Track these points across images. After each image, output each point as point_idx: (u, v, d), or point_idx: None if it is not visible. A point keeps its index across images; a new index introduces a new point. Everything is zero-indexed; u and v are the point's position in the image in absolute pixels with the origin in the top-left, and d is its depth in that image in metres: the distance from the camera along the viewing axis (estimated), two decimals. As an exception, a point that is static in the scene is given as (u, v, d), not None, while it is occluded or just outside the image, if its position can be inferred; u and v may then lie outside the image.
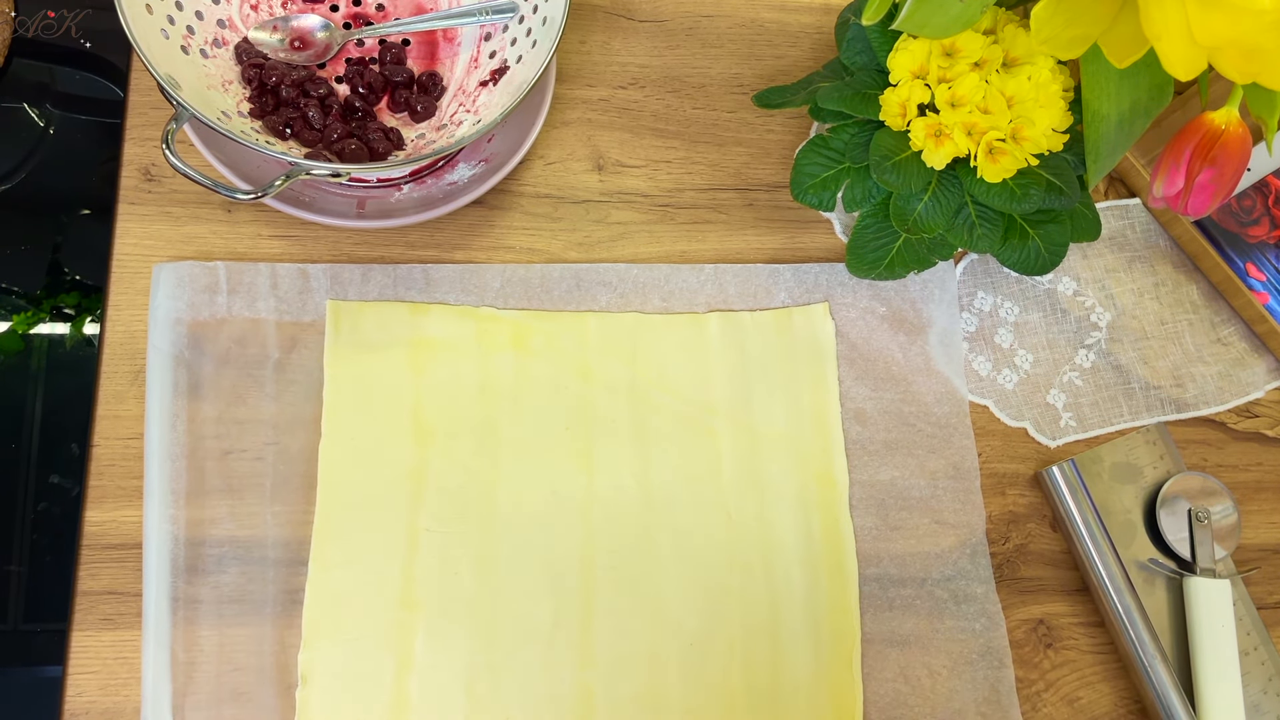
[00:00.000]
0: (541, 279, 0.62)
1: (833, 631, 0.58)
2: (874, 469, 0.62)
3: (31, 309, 0.59)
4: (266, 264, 0.59)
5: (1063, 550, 0.63)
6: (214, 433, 0.56)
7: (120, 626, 0.53)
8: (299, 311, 0.59)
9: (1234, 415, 0.66)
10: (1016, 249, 0.55)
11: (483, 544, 0.57)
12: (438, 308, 0.60)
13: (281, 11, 0.61)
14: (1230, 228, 0.66)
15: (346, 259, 0.61)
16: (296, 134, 0.58)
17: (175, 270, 0.58)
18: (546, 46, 0.55)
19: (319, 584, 0.54)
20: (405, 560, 0.56)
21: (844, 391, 0.63)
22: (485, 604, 0.56)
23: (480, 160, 0.60)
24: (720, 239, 0.65)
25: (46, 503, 0.55)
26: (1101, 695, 0.61)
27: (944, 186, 0.54)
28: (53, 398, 0.57)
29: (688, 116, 0.68)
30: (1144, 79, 0.47)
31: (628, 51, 0.69)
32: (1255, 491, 0.66)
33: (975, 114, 0.51)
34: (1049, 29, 0.43)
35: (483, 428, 0.59)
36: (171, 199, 0.60)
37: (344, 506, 0.56)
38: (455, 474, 0.58)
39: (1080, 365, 0.66)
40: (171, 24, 0.54)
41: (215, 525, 0.55)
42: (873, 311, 0.64)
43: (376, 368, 0.58)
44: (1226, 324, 0.68)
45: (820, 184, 0.56)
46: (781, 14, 0.71)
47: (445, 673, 0.54)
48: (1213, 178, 0.47)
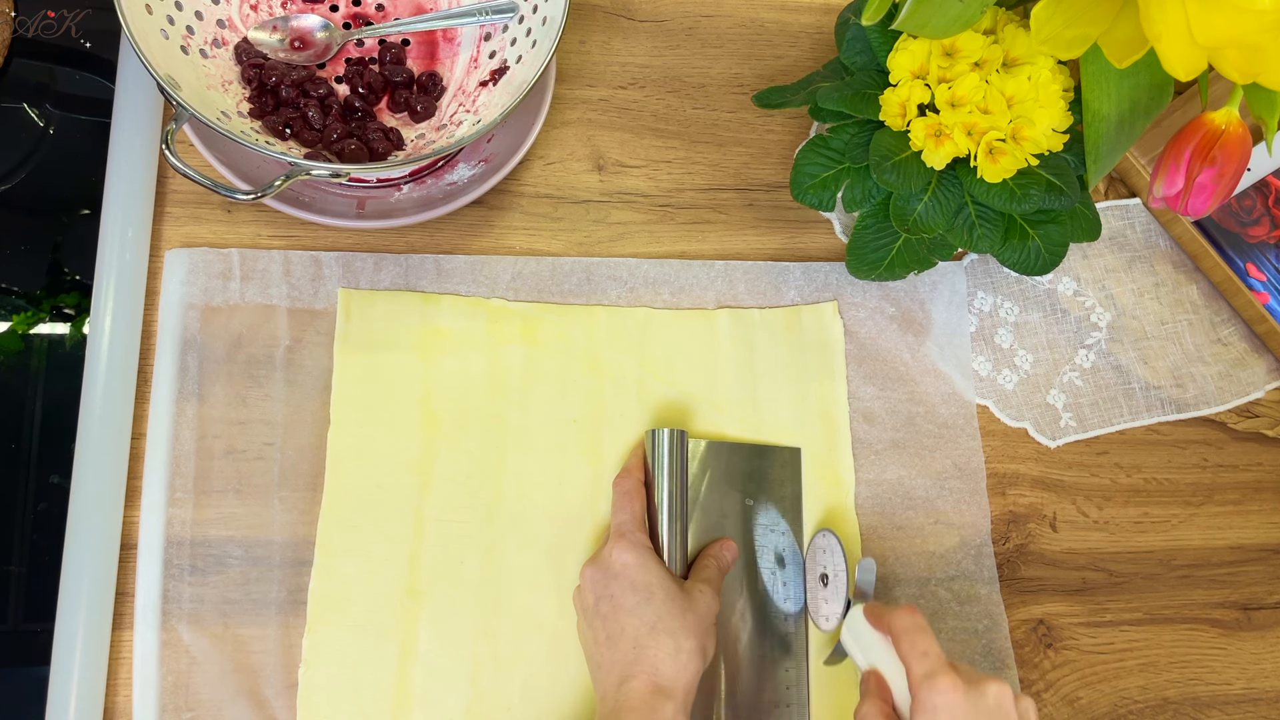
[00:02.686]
0: (552, 272, 0.62)
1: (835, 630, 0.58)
2: (880, 468, 0.62)
3: (31, 309, 0.59)
4: (280, 251, 0.60)
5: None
6: (217, 431, 0.56)
7: (120, 626, 0.53)
8: (311, 299, 0.59)
9: (1234, 415, 0.66)
10: (1016, 249, 0.55)
11: (489, 534, 0.57)
12: (448, 298, 0.60)
13: (281, 11, 0.61)
14: (1230, 228, 0.66)
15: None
16: (296, 134, 0.58)
17: (189, 256, 0.58)
18: (546, 46, 0.55)
19: (325, 570, 0.55)
20: (411, 549, 0.56)
21: (851, 390, 0.63)
22: (490, 594, 0.56)
23: (480, 160, 0.60)
24: (720, 239, 0.65)
25: (46, 503, 0.55)
26: (1101, 695, 0.61)
27: (944, 186, 0.54)
28: (53, 398, 0.57)
29: (688, 116, 0.68)
30: (1144, 79, 0.47)
31: (628, 51, 0.69)
32: (1255, 491, 0.66)
33: (975, 114, 0.51)
34: (1049, 29, 0.43)
35: (491, 419, 0.59)
36: (171, 199, 0.60)
37: (351, 494, 0.56)
38: (463, 464, 0.58)
39: (1080, 365, 0.66)
40: (171, 24, 0.54)
41: (218, 524, 0.55)
42: (881, 311, 0.65)
43: (386, 357, 0.59)
44: (1226, 324, 0.68)
45: (820, 184, 0.56)
46: (781, 14, 0.71)
47: (448, 661, 0.55)
48: (1213, 178, 0.47)
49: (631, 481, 0.56)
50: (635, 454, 0.58)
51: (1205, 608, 0.64)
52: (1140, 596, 0.63)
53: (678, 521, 0.55)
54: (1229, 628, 0.64)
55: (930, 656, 0.47)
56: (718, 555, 0.56)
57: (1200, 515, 0.65)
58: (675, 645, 0.50)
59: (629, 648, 0.50)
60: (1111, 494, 0.65)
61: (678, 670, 0.49)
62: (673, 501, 0.56)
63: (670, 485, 0.56)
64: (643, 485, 0.56)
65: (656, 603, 0.51)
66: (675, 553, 0.55)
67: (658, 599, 0.51)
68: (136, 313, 0.57)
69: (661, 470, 0.56)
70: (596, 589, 0.53)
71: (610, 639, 0.51)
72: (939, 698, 0.45)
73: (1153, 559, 0.64)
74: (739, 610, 0.57)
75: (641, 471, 0.57)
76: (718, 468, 0.59)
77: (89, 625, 0.51)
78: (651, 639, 0.50)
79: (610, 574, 0.52)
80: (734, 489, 0.59)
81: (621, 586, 0.52)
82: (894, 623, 0.49)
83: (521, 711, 0.55)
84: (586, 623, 0.53)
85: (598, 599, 0.53)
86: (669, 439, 0.57)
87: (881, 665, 0.50)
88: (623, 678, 0.49)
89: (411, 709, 0.54)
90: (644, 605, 0.51)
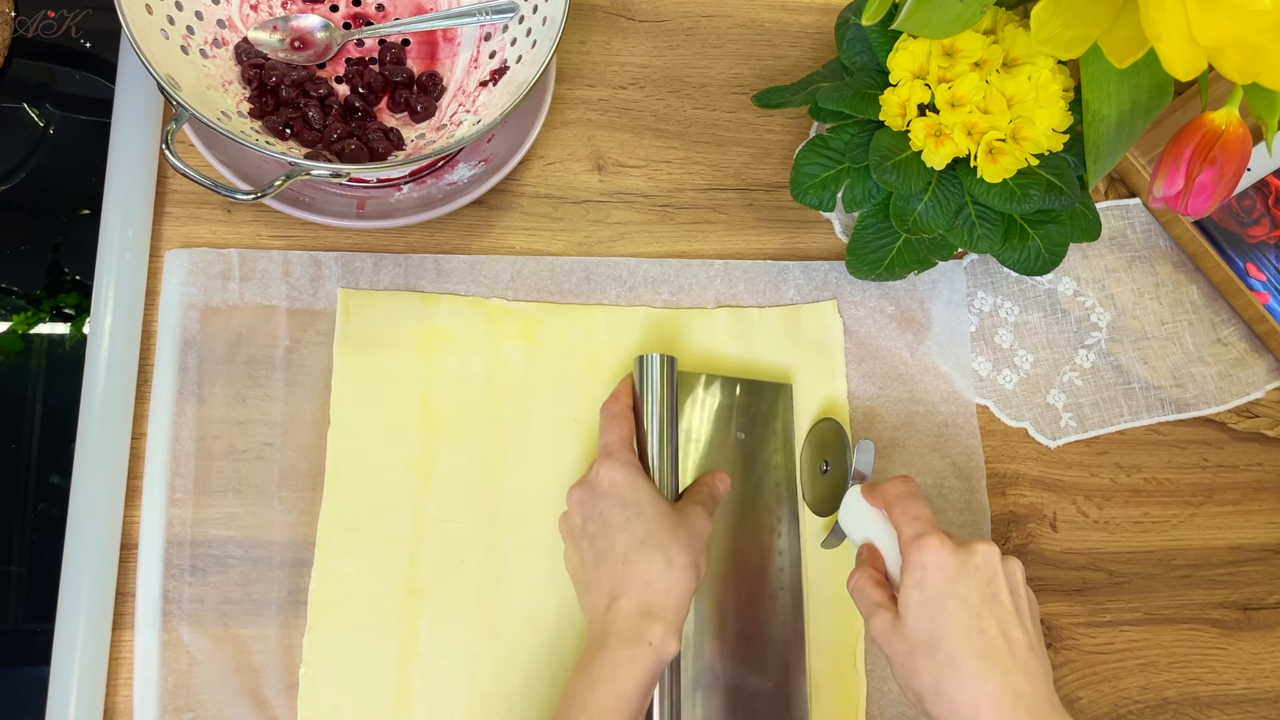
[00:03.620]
0: (551, 272, 0.62)
1: (836, 628, 0.58)
2: (879, 467, 0.62)
3: (31, 309, 0.59)
4: (279, 251, 0.60)
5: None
6: (217, 431, 0.56)
7: (121, 626, 0.53)
8: (310, 299, 0.59)
9: (1234, 415, 0.66)
10: (1016, 249, 0.55)
11: (489, 534, 0.57)
12: (448, 298, 0.60)
13: (281, 11, 0.61)
14: (1230, 228, 0.66)
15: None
16: (296, 134, 0.58)
17: (188, 257, 0.58)
18: (546, 46, 0.55)
19: (325, 570, 0.55)
20: (411, 548, 0.56)
21: (851, 390, 0.63)
22: (490, 593, 0.56)
23: (480, 160, 0.60)
24: (720, 239, 0.65)
25: (46, 503, 0.55)
26: (1101, 695, 0.61)
27: (944, 186, 0.54)
28: (53, 398, 0.57)
29: (688, 116, 0.68)
30: (1144, 79, 0.47)
31: (628, 51, 0.69)
32: (1255, 491, 0.66)
33: (975, 114, 0.51)
34: (1049, 29, 0.43)
35: (491, 419, 0.59)
36: (171, 199, 0.60)
37: (351, 494, 0.56)
38: (463, 464, 0.58)
39: (1080, 365, 0.66)
40: (171, 24, 0.54)
41: (218, 524, 0.55)
42: (881, 310, 0.65)
43: (386, 357, 0.59)
44: (1226, 324, 0.68)
45: (820, 184, 0.56)
46: (781, 14, 0.71)
47: (448, 661, 0.55)
48: (1213, 178, 0.47)
49: (619, 405, 0.55)
50: (624, 381, 0.58)
51: (1205, 608, 0.64)
52: (1140, 596, 0.63)
53: (668, 446, 0.55)
54: (1229, 628, 0.64)
55: (921, 520, 0.48)
56: (710, 484, 0.55)
57: (1200, 515, 0.65)
58: (666, 560, 0.48)
59: (618, 563, 0.49)
60: (1111, 494, 0.65)
61: (669, 586, 0.48)
62: (663, 426, 0.55)
63: (660, 410, 0.55)
64: (630, 409, 0.55)
65: (647, 518, 0.50)
66: (666, 477, 0.54)
67: (648, 514, 0.50)
68: (136, 313, 0.57)
69: (651, 395, 0.55)
70: (584, 509, 0.52)
71: (599, 557, 0.50)
72: (927, 555, 0.46)
73: (1153, 559, 0.64)
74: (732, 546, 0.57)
75: (629, 397, 0.56)
76: (710, 402, 0.59)
77: (89, 625, 0.51)
78: (641, 554, 0.49)
79: (598, 492, 0.51)
80: (726, 423, 0.59)
81: (610, 504, 0.50)
82: (887, 492, 0.50)
83: (521, 711, 0.54)
84: (574, 545, 0.52)
85: (585, 519, 0.51)
86: (659, 364, 0.56)
87: (876, 538, 0.51)
88: (612, 596, 0.48)
89: (411, 709, 0.54)
90: (634, 521, 0.50)
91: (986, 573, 0.46)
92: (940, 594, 0.45)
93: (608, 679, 0.46)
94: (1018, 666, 0.44)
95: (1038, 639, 0.46)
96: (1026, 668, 0.44)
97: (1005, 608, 0.45)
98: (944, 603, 0.45)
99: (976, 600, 0.45)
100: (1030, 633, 0.45)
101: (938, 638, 0.45)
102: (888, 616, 0.47)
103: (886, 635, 0.47)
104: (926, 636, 0.45)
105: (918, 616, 0.45)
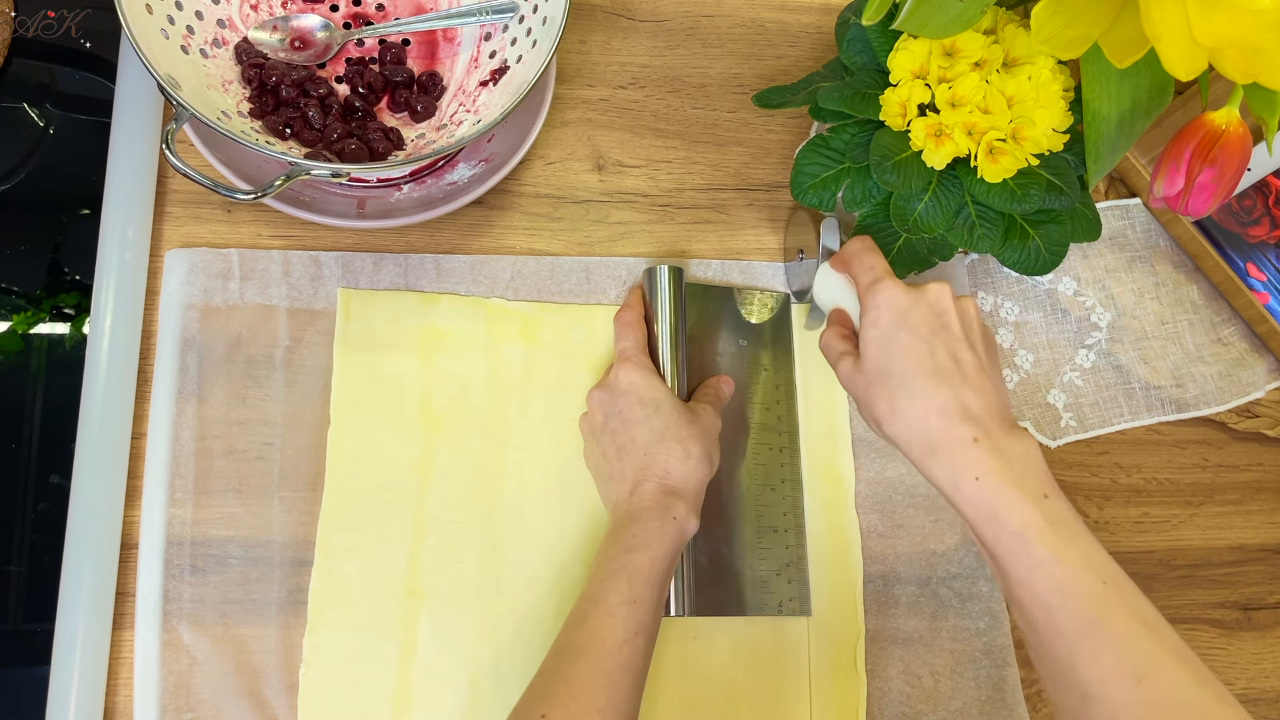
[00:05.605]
0: (551, 272, 0.62)
1: (836, 627, 0.58)
2: (880, 466, 0.62)
3: (31, 309, 0.59)
4: (279, 251, 0.60)
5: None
6: (217, 431, 0.56)
7: (121, 626, 0.53)
8: (310, 299, 0.59)
9: (1234, 415, 0.66)
10: (1016, 249, 0.55)
11: (489, 533, 0.57)
12: (448, 298, 0.60)
13: (281, 11, 0.61)
14: (1230, 228, 0.66)
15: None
16: (296, 134, 0.58)
17: (189, 256, 0.58)
18: (546, 46, 0.55)
19: (325, 570, 0.55)
20: (411, 548, 0.56)
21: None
22: (490, 593, 0.56)
23: (480, 160, 0.60)
24: (720, 239, 0.65)
25: (46, 503, 0.55)
26: (1102, 695, 0.61)
27: (944, 186, 0.54)
28: (53, 398, 0.57)
29: (688, 116, 0.68)
30: (1144, 79, 0.47)
31: (628, 51, 0.69)
32: (1255, 491, 0.66)
33: (975, 114, 0.51)
34: (1049, 29, 0.43)
35: (490, 418, 0.59)
36: (171, 199, 0.60)
37: (351, 494, 0.56)
38: (463, 464, 0.58)
39: (1080, 365, 0.66)
40: (171, 24, 0.54)
41: (218, 524, 0.55)
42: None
43: (386, 357, 0.59)
44: (1227, 324, 0.68)
45: (820, 184, 0.56)
46: (781, 14, 0.71)
47: (448, 660, 0.55)
48: (1213, 178, 0.47)
49: (633, 314, 0.59)
50: (634, 291, 0.61)
51: (1205, 608, 0.64)
52: (1140, 596, 0.63)
53: (679, 350, 0.58)
54: (1229, 628, 0.64)
55: (876, 269, 0.50)
56: (716, 386, 0.59)
57: (1200, 515, 0.65)
58: (684, 450, 0.53)
59: (640, 454, 0.53)
60: (1111, 494, 0.65)
61: (687, 473, 0.53)
62: (674, 332, 0.59)
63: (671, 317, 0.59)
64: (643, 318, 0.59)
65: (664, 413, 0.54)
66: (677, 380, 0.58)
67: (665, 410, 0.54)
68: (136, 313, 0.57)
69: (662, 304, 0.59)
70: (605, 408, 0.56)
71: (620, 450, 0.54)
72: (881, 297, 0.49)
73: (1153, 559, 0.64)
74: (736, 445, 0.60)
75: (641, 306, 0.60)
76: (712, 311, 0.62)
77: (89, 625, 0.51)
78: (661, 445, 0.53)
79: (618, 393, 0.55)
80: (729, 331, 0.62)
81: (630, 402, 0.55)
82: (845, 251, 0.53)
83: (522, 711, 0.55)
84: (595, 441, 0.56)
85: (606, 416, 0.56)
86: (668, 274, 0.60)
87: (842, 301, 0.54)
88: (635, 482, 0.52)
89: (411, 709, 0.54)
90: (653, 416, 0.54)
91: (937, 307, 0.48)
92: (892, 327, 0.48)
93: (641, 545, 0.49)
94: (966, 383, 0.46)
95: (991, 364, 0.48)
96: (976, 385, 0.46)
97: (955, 334, 0.47)
98: (896, 334, 0.47)
99: (926, 331, 0.47)
100: (981, 356, 0.48)
101: (891, 366, 0.47)
102: (851, 360, 0.50)
103: (850, 376, 0.50)
104: (881, 366, 0.48)
105: (873, 350, 0.48)
